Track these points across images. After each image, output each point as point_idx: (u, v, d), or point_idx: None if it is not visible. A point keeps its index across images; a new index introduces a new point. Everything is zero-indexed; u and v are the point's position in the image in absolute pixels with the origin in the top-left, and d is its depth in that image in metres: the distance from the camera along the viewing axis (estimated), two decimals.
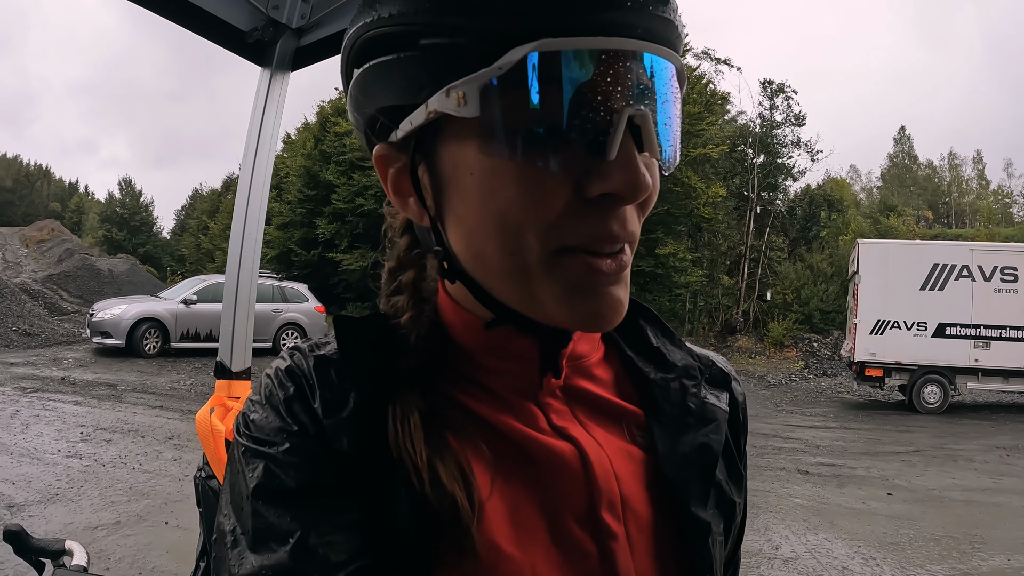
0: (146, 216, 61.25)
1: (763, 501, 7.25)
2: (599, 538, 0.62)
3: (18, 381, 12.34)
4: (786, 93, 30.75)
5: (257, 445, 0.60)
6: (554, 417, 0.67)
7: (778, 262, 29.57)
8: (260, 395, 0.64)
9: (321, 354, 0.65)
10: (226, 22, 1.39)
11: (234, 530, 0.58)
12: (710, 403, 0.74)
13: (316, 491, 0.58)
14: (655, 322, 0.80)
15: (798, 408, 15.06)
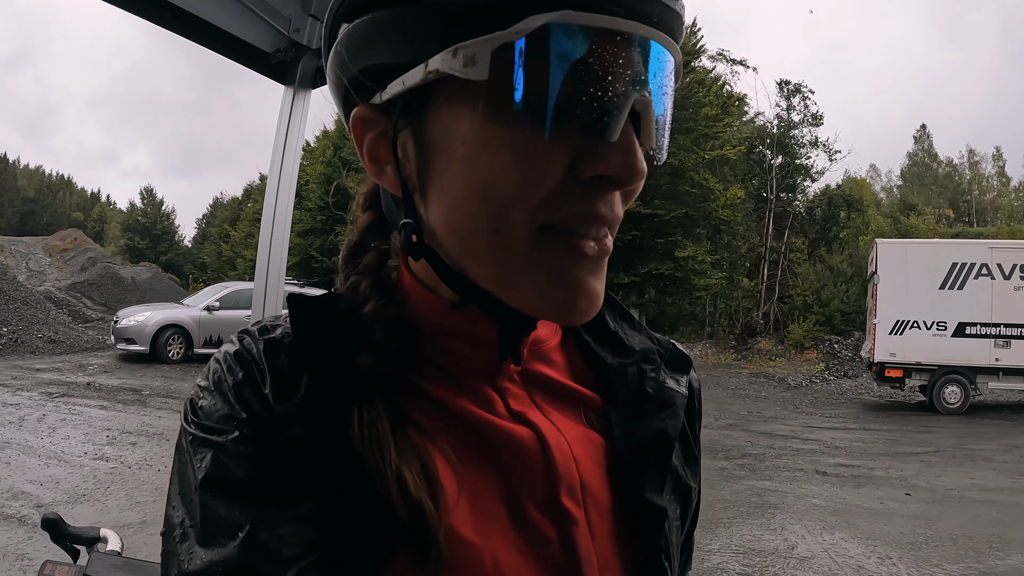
0: (168, 225, 61.74)
1: (780, 501, 7.29)
2: (559, 523, 0.62)
3: (44, 386, 12.57)
4: (803, 93, 30.57)
5: (205, 434, 0.57)
6: (512, 402, 0.66)
7: (798, 263, 29.38)
8: (208, 381, 0.61)
9: (271, 337, 0.63)
10: (251, 44, 1.49)
11: (183, 522, 0.56)
12: (668, 387, 0.73)
13: (267, 482, 0.56)
14: (613, 306, 0.78)
15: (818, 410, 14.99)
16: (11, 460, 7.58)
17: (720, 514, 6.76)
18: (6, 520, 5.77)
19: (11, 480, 6.86)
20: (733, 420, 12.86)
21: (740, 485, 7.92)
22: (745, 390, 17.64)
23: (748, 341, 25.36)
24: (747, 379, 19.40)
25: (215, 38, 1.43)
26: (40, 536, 5.34)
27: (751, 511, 6.93)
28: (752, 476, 8.42)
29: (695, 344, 25.58)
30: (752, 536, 6.15)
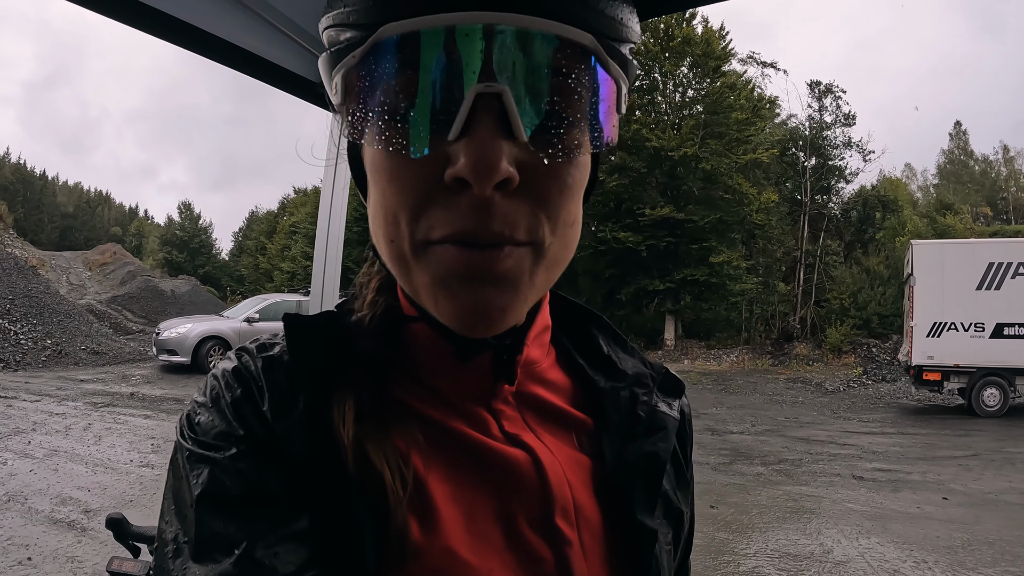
0: (205, 238, 62.44)
1: (816, 506, 7.24)
2: (554, 544, 0.62)
3: (89, 397, 12.88)
4: (834, 93, 30.26)
5: (202, 450, 0.57)
6: (506, 424, 0.66)
7: (834, 266, 29.01)
8: (206, 396, 0.61)
9: (270, 355, 0.63)
10: (299, 76, 1.58)
11: (176, 538, 0.55)
12: (661, 411, 0.73)
13: (263, 499, 0.56)
14: (606, 330, 0.79)
15: (855, 414, 14.77)
16: (59, 467, 7.79)
17: (756, 519, 6.74)
18: (56, 524, 5.95)
19: (60, 486, 7.06)
20: (770, 426, 12.72)
21: (776, 490, 7.87)
22: (782, 395, 17.44)
23: (785, 346, 25.08)
24: (784, 384, 19.18)
25: (264, 70, 1.52)
26: (89, 540, 5.56)
27: (787, 516, 6.89)
28: (789, 481, 8.35)
29: (731, 350, 25.34)
30: (788, 541, 6.12)
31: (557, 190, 0.55)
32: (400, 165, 0.53)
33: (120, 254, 40.29)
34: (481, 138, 0.50)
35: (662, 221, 25.51)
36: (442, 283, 0.54)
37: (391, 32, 0.51)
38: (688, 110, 27.57)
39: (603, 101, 0.56)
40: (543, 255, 0.57)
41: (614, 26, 0.56)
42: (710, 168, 25.60)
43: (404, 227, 0.54)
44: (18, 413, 10.92)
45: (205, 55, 1.38)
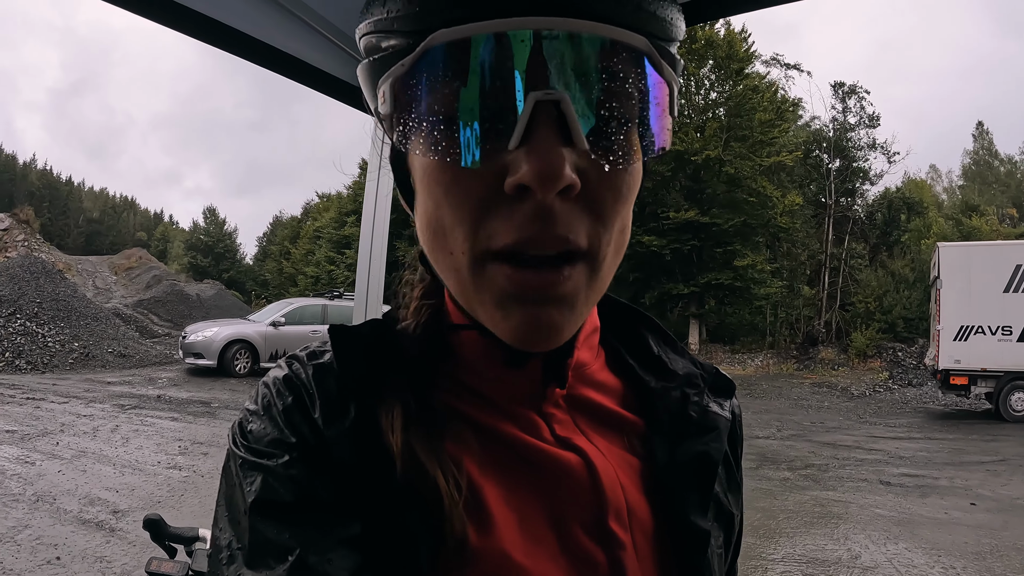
0: (230, 243, 63.02)
1: (844, 511, 7.18)
2: (608, 547, 0.61)
3: (116, 399, 13.03)
4: (858, 94, 30.01)
5: (255, 457, 0.57)
6: (557, 427, 0.66)
7: (859, 270, 28.76)
8: (258, 404, 0.61)
9: (320, 362, 0.63)
10: (341, 80, 1.58)
11: (230, 544, 0.56)
12: (712, 411, 0.72)
13: (316, 505, 0.56)
14: (656, 330, 0.78)
15: (882, 419, 14.63)
16: (87, 468, 7.88)
17: (783, 524, 6.69)
18: (84, 525, 6.02)
19: (88, 487, 7.14)
20: (796, 431, 12.63)
21: (803, 496, 7.81)
22: (808, 400, 17.32)
23: (810, 350, 24.91)
24: (809, 389, 19.05)
25: (306, 74, 1.52)
26: (117, 540, 5.62)
27: (814, 521, 6.83)
28: (815, 486, 8.29)
29: (756, 354, 25.19)
30: (815, 546, 6.07)
31: (612, 197, 0.55)
32: (456, 177, 0.52)
33: (145, 259, 40.79)
34: (544, 145, 0.49)
35: (686, 225, 25.42)
36: (499, 303, 0.54)
37: (442, 39, 0.50)
38: (711, 112, 27.46)
39: (657, 104, 0.55)
40: (598, 268, 0.57)
41: (664, 27, 0.55)
42: (734, 171, 25.48)
43: (462, 241, 0.54)
44: (46, 415, 11.06)
45: (240, 55, 1.38)
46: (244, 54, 1.38)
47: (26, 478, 7.34)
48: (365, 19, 0.58)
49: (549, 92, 0.49)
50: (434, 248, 0.58)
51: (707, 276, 25.80)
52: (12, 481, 7.20)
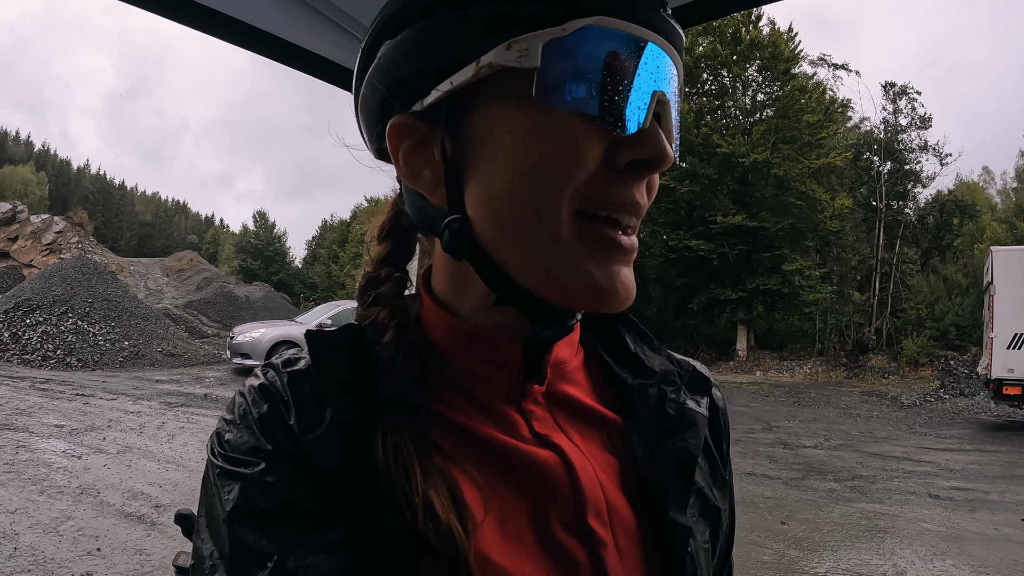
0: (279, 246, 64.26)
1: (890, 525, 6.98)
2: (589, 546, 0.62)
3: (163, 397, 13.32)
4: (909, 95, 29.32)
5: (232, 466, 0.58)
6: (536, 424, 0.66)
7: (910, 275, 28.10)
8: (234, 414, 0.62)
9: (296, 369, 0.64)
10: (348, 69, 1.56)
11: (212, 555, 0.56)
12: (689, 407, 0.73)
13: (294, 512, 0.56)
14: (633, 327, 0.80)
15: (932, 430, 14.22)
16: (132, 463, 8.05)
17: (828, 537, 6.52)
18: (126, 518, 6.13)
19: (132, 481, 7.29)
20: (844, 441, 12.37)
21: (850, 508, 7.61)
22: (856, 409, 16.96)
23: (860, 358, 24.41)
24: (858, 398, 18.65)
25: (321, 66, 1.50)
26: (158, 534, 5.71)
27: (860, 534, 6.65)
28: (862, 499, 8.08)
29: (805, 361, 24.78)
30: (860, 560, 5.90)
31: (657, 187, 0.65)
32: (576, 138, 0.57)
33: (196, 261, 41.81)
34: (658, 129, 0.59)
35: (734, 229, 25.18)
36: (596, 260, 0.59)
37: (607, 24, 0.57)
38: (758, 114, 27.11)
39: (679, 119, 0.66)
40: None
41: None
42: (782, 173, 25.15)
43: (563, 197, 0.58)
44: (95, 410, 11.35)
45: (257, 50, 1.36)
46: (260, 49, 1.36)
47: (72, 471, 7.52)
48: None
49: (666, 94, 0.60)
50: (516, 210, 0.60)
51: (755, 281, 25.51)
52: (58, 474, 7.38)
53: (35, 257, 39.25)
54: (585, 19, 0.56)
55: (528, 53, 0.57)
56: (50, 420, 10.22)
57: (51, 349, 17.55)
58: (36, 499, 6.50)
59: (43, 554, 5.21)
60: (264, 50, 1.34)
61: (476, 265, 0.63)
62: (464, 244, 0.63)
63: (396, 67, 0.63)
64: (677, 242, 26.54)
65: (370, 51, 0.66)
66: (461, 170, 0.62)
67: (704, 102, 27.57)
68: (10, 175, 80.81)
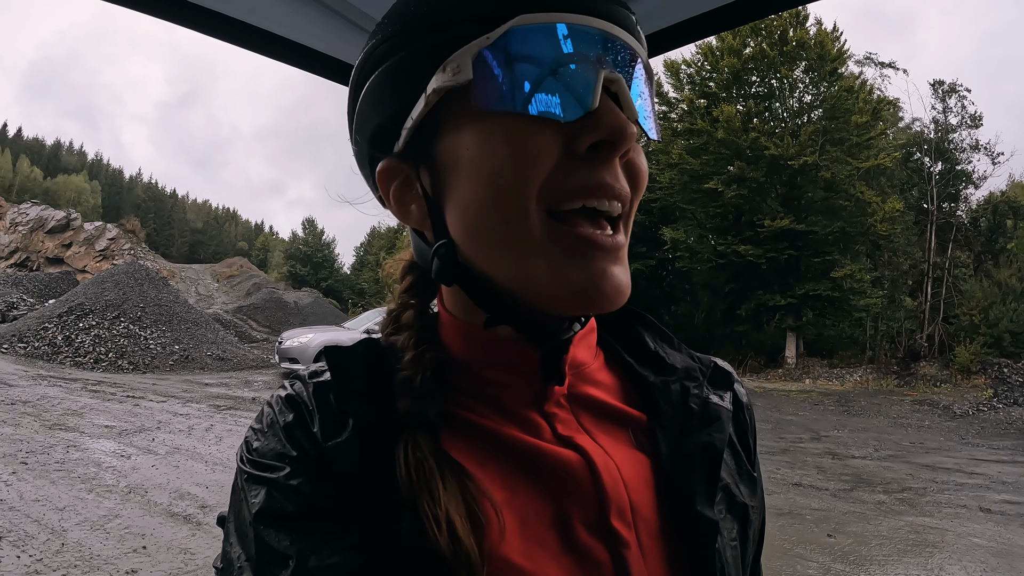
0: (328, 253, 65.12)
1: (939, 539, 6.78)
2: (611, 546, 0.62)
3: (212, 400, 13.53)
4: (959, 93, 28.53)
5: (259, 471, 0.61)
6: (559, 426, 0.67)
7: (963, 279, 27.31)
8: (262, 423, 0.65)
9: (321, 380, 0.66)
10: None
11: (239, 557, 0.59)
12: (713, 402, 0.73)
13: (316, 514, 0.58)
14: (652, 328, 0.81)
15: (985, 441, 13.80)
16: (180, 464, 8.18)
17: (875, 551, 6.36)
18: (173, 517, 6.23)
19: (179, 482, 7.40)
20: (894, 451, 12.09)
21: (898, 521, 7.42)
22: (907, 419, 16.54)
23: (911, 365, 23.79)
24: (909, 407, 18.18)
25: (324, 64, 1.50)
26: (203, 534, 5.80)
27: (908, 549, 6.48)
28: (911, 511, 7.87)
29: (855, 369, 24.27)
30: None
31: (642, 169, 0.64)
32: (528, 138, 0.58)
33: (246, 267, 42.64)
34: (613, 107, 0.59)
35: (782, 233, 24.81)
36: (572, 260, 0.59)
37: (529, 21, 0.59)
38: (806, 116, 26.67)
39: (651, 97, 0.67)
40: (627, 235, 0.64)
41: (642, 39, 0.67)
42: (830, 176, 24.73)
43: (528, 199, 0.59)
44: (144, 412, 11.57)
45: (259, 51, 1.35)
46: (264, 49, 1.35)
47: (120, 471, 7.68)
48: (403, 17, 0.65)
49: (614, 73, 0.60)
50: (488, 221, 0.61)
51: (804, 287, 25.09)
52: (107, 473, 7.54)
53: (88, 263, 40.43)
54: (508, 22, 0.59)
55: (460, 69, 0.59)
56: (101, 421, 10.46)
57: (103, 352, 17.99)
58: (85, 497, 6.64)
59: (90, 550, 5.32)
60: (268, 50, 1.34)
61: (464, 288, 0.66)
62: (451, 268, 0.65)
63: (368, 119, 0.68)
64: (725, 247, 26.25)
65: (351, 111, 0.71)
66: (439, 198, 0.65)
67: (751, 104, 27.22)
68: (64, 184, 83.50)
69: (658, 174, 27.95)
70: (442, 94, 0.61)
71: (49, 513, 6.09)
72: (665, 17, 1.22)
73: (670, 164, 27.44)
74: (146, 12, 1.13)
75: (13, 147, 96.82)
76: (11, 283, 29.42)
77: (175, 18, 1.18)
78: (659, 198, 29.00)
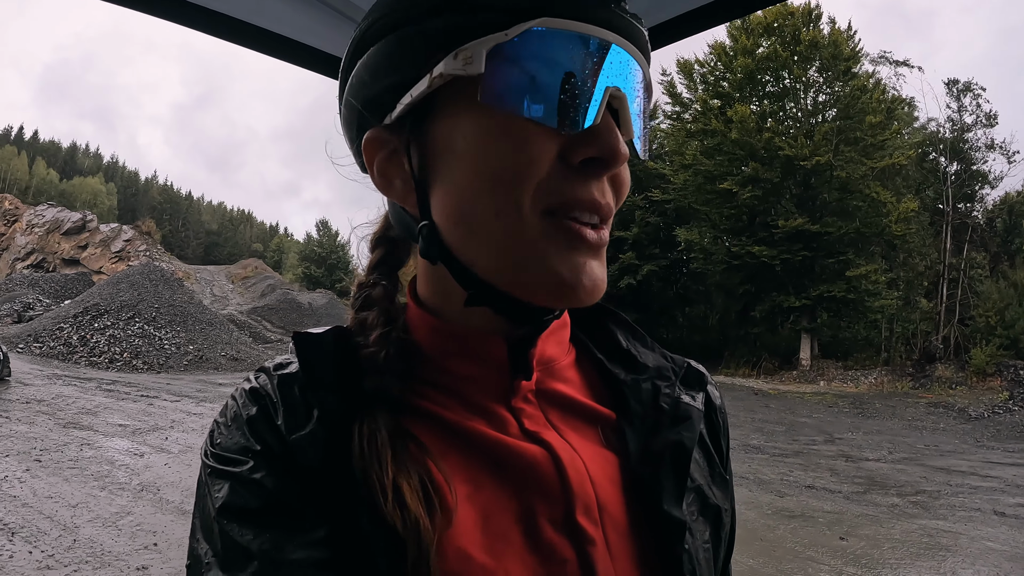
0: (342, 254, 65.38)
1: (953, 543, 6.74)
2: (577, 543, 0.61)
3: (226, 399, 13.59)
4: (974, 91, 28.29)
5: (222, 465, 0.60)
6: (526, 422, 0.66)
7: (979, 281, 27.08)
8: (226, 416, 0.64)
9: (286, 372, 0.65)
10: None
11: (206, 553, 0.58)
12: (684, 402, 0.73)
13: (281, 509, 0.58)
14: (624, 325, 0.80)
15: (1000, 443, 13.72)
16: (192, 463, 8.26)
17: (888, 554, 6.34)
18: (184, 515, 6.30)
19: (192, 480, 7.41)
20: (908, 454, 12.03)
21: (911, 524, 7.38)
22: (922, 421, 16.45)
23: (926, 367, 23.62)
24: (924, 409, 18.08)
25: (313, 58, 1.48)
26: None
27: (921, 552, 6.44)
28: (925, 515, 7.83)
29: (870, 371, 24.13)
30: None
31: (626, 184, 0.64)
32: (529, 138, 0.58)
33: (261, 268, 42.91)
34: (612, 127, 0.59)
35: (797, 234, 24.71)
36: (559, 255, 0.59)
37: (550, 25, 0.58)
38: (820, 115, 26.54)
39: (647, 116, 0.67)
40: (608, 238, 0.64)
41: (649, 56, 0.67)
42: (845, 176, 24.56)
43: (522, 196, 0.58)
44: (158, 411, 11.69)
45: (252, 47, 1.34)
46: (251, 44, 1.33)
47: (134, 469, 7.77)
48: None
49: (619, 89, 0.60)
50: (478, 211, 0.61)
51: (819, 288, 24.98)
52: (120, 471, 7.62)
53: (104, 264, 40.81)
54: (529, 22, 0.58)
55: (473, 60, 0.59)
56: (115, 420, 10.57)
57: (118, 352, 18.15)
58: (98, 494, 6.72)
59: (101, 547, 5.39)
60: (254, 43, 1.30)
61: (449, 267, 0.65)
62: (434, 248, 0.65)
63: (365, 85, 0.66)
64: (739, 248, 26.17)
65: (346, 72, 0.70)
66: (426, 178, 0.64)
67: (765, 105, 27.12)
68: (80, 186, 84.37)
69: (672, 175, 27.88)
70: (448, 79, 0.60)
71: (62, 510, 6.16)
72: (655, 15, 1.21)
73: (684, 165, 27.37)
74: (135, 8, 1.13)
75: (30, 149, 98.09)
76: (28, 284, 29.78)
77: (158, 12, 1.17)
78: (673, 199, 28.91)
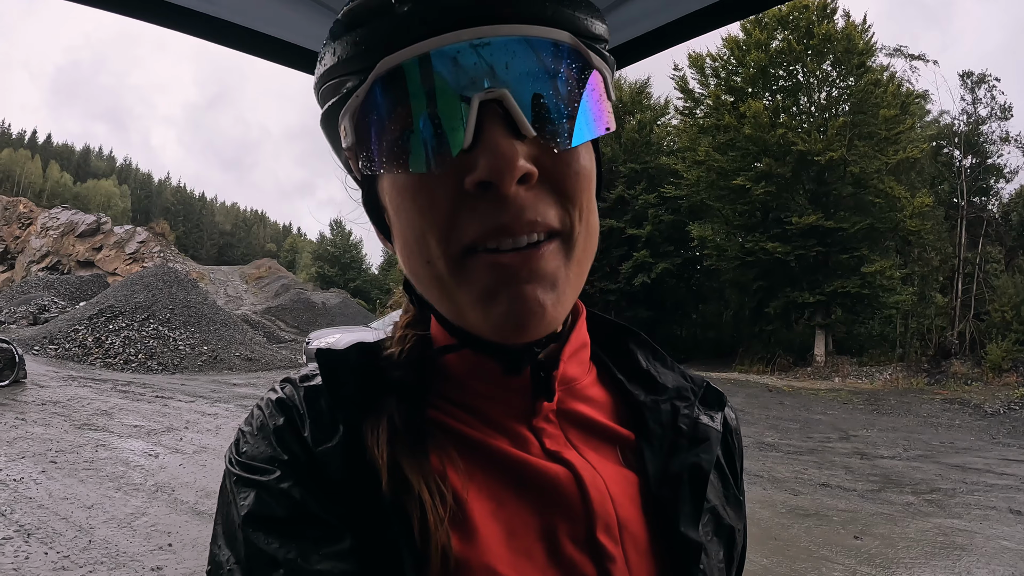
0: (356, 254, 65.48)
1: (968, 542, 6.66)
2: (598, 561, 0.62)
3: (240, 399, 13.74)
4: (988, 83, 27.96)
5: (248, 474, 0.60)
6: (548, 441, 0.67)
7: (995, 275, 26.79)
8: (252, 426, 0.64)
9: (312, 385, 0.66)
10: None
11: (228, 560, 0.58)
12: (703, 423, 0.73)
13: (306, 519, 0.58)
14: (645, 345, 0.80)
15: (1016, 440, 13.51)
16: (207, 463, 8.32)
17: (902, 553, 6.27)
18: (198, 516, 6.33)
19: (206, 480, 7.52)
20: (923, 451, 11.90)
21: (926, 523, 7.30)
22: (938, 418, 16.28)
23: (941, 363, 23.43)
24: (940, 405, 17.89)
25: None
26: None
27: (935, 551, 6.37)
28: (940, 513, 7.74)
29: (884, 367, 23.92)
30: None
31: (573, 175, 0.59)
32: (422, 185, 0.57)
33: (275, 268, 43.10)
34: (495, 140, 0.54)
35: (810, 230, 24.55)
36: (484, 294, 0.58)
37: (386, 66, 0.56)
38: (834, 110, 26.34)
39: (593, 90, 0.59)
40: (573, 246, 0.60)
41: (582, 24, 0.60)
42: (859, 171, 24.37)
43: (436, 244, 0.58)
44: (173, 412, 11.75)
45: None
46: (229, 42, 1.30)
47: (148, 469, 7.82)
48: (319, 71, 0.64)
49: (490, 91, 0.54)
50: (413, 263, 0.61)
51: (834, 284, 24.80)
52: (135, 472, 7.67)
53: (119, 266, 41.11)
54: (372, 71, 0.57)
55: (347, 132, 0.60)
56: (130, 421, 10.64)
57: (133, 353, 18.28)
58: (113, 495, 6.77)
59: (116, 547, 5.43)
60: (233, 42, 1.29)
61: (432, 313, 0.68)
62: (414, 296, 0.69)
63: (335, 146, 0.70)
64: (753, 244, 26.01)
65: None
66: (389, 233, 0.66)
67: (778, 100, 26.94)
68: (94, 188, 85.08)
69: (685, 171, 27.75)
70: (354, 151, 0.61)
71: (77, 511, 6.21)
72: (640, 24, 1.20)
73: (697, 161, 27.21)
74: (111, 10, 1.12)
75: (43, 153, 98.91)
76: (43, 286, 30.01)
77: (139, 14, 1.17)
78: (686, 195, 28.78)
